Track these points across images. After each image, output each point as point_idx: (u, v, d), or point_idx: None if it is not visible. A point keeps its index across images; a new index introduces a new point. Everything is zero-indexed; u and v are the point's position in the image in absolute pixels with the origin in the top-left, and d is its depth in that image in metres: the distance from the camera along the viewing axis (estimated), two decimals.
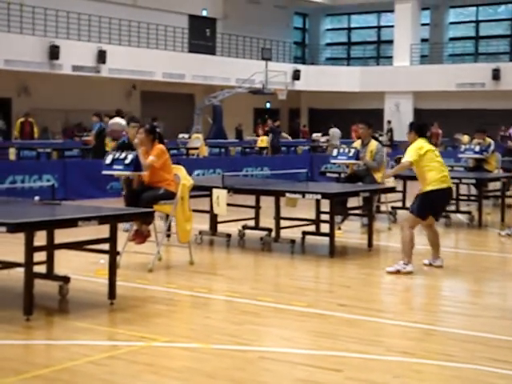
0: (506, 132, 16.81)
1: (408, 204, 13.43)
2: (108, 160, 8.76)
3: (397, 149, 25.94)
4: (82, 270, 8.19)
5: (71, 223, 6.58)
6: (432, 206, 8.74)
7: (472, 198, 14.32)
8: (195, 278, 8.17)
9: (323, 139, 28.00)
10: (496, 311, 6.98)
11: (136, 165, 8.54)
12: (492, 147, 14.91)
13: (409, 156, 8.75)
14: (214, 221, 10.57)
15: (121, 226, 9.74)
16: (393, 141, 30.75)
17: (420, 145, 8.78)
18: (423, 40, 37.38)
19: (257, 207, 10.69)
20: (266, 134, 26.85)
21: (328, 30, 42.17)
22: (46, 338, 6.00)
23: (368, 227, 10.23)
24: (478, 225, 12.28)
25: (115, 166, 8.67)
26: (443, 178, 8.73)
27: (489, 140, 15.04)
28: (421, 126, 9.13)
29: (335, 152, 12.00)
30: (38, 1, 26.85)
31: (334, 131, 26.48)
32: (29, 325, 6.13)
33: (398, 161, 12.89)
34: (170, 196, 8.64)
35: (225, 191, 9.75)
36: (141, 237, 8.70)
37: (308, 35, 42.05)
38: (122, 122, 17.41)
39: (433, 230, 9.01)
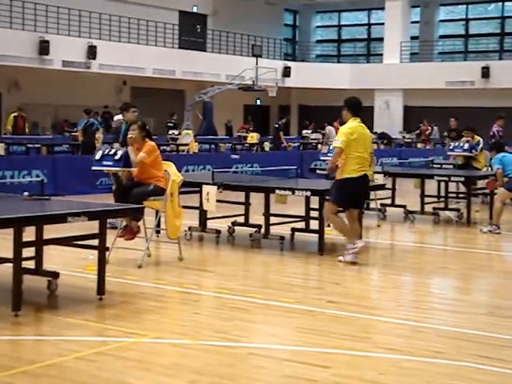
0: (490, 132, 16.88)
1: (398, 201, 13.54)
2: (97, 156, 8.76)
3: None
4: (71, 266, 8.18)
5: (60, 219, 6.57)
6: (349, 194, 8.77)
7: (461, 195, 14.38)
8: (184, 274, 8.18)
9: (313, 136, 28.02)
10: (484, 308, 7.02)
11: (125, 161, 8.55)
12: (481, 145, 14.97)
13: (338, 142, 8.63)
14: (203, 217, 10.57)
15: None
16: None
17: (351, 129, 8.66)
18: (413, 38, 37.44)
19: (246, 204, 10.69)
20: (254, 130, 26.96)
21: (318, 27, 42.19)
22: (35, 334, 5.99)
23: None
24: (466, 222, 12.33)
25: (105, 162, 8.67)
26: (361, 168, 8.68)
27: (477, 138, 15.10)
28: (355, 102, 8.86)
29: (326, 149, 12.02)
30: None
31: (330, 129, 26.47)
32: (17, 321, 6.12)
33: None
34: (159, 192, 8.64)
35: (215, 187, 9.75)
36: (130, 233, 8.70)
37: (298, 32, 42.06)
38: None
39: (357, 224, 9.03)
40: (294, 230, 10.32)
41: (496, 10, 37.52)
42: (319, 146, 25.34)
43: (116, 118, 19.55)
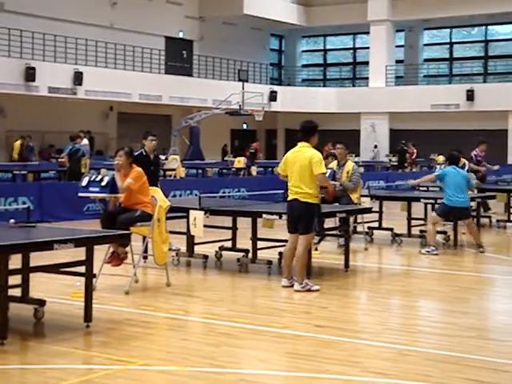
0: (471, 154, 16.91)
1: (385, 224, 13.57)
2: (84, 182, 8.75)
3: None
4: (58, 293, 8.13)
5: (47, 246, 6.54)
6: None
7: None
8: (172, 300, 8.14)
9: None
10: (472, 331, 7.02)
11: (112, 187, 8.54)
12: (466, 167, 15.03)
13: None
14: (190, 242, 10.55)
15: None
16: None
17: (286, 156, 8.87)
18: (398, 61, 37.75)
19: (234, 228, 10.69)
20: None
21: (304, 51, 42.49)
22: (21, 363, 5.94)
23: (345, 248, 10.26)
24: (453, 245, 12.37)
25: (91, 188, 8.66)
26: (290, 192, 8.76)
27: (463, 160, 15.15)
28: (302, 125, 8.90)
29: None
30: (13, 22, 26.82)
31: None
32: (3, 349, 6.07)
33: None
34: (146, 218, 8.63)
35: (202, 212, 9.75)
36: (117, 259, 8.66)
37: (284, 57, 42.33)
38: None
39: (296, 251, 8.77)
40: (281, 254, 10.29)
41: (479, 34, 37.93)
42: None
43: (83, 142, 19.74)
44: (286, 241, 10.49)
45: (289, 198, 8.82)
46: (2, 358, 5.92)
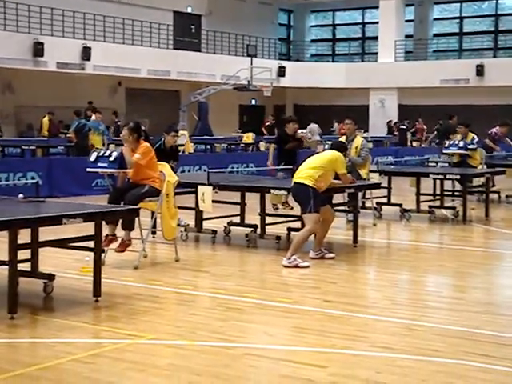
0: (489, 131, 16.78)
1: (393, 200, 13.55)
2: (93, 157, 8.75)
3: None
4: (67, 268, 8.18)
5: (56, 221, 6.56)
6: None
7: (456, 193, 14.39)
8: (180, 275, 8.17)
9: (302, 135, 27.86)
10: (480, 306, 7.02)
11: (121, 162, 8.53)
12: (476, 140, 14.96)
13: None
14: (199, 217, 10.57)
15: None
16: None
17: None
18: (407, 36, 37.44)
19: (242, 204, 10.69)
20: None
21: (313, 26, 42.19)
22: (31, 337, 5.99)
23: (353, 223, 10.26)
24: (462, 220, 12.35)
25: (100, 164, 8.66)
26: None
27: (472, 135, 15.09)
28: (342, 145, 9.45)
29: (320, 148, 12.04)
30: None
31: (312, 127, 26.22)
32: (13, 323, 6.12)
33: None
34: (155, 193, 8.63)
35: (210, 188, 9.75)
36: (122, 245, 8.60)
37: (293, 32, 42.05)
38: None
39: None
40: (289, 229, 10.31)
41: (490, 8, 37.55)
42: (312, 144, 25.25)
43: (92, 118, 19.72)
44: (294, 216, 10.56)
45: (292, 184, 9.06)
46: (13, 332, 5.97)
